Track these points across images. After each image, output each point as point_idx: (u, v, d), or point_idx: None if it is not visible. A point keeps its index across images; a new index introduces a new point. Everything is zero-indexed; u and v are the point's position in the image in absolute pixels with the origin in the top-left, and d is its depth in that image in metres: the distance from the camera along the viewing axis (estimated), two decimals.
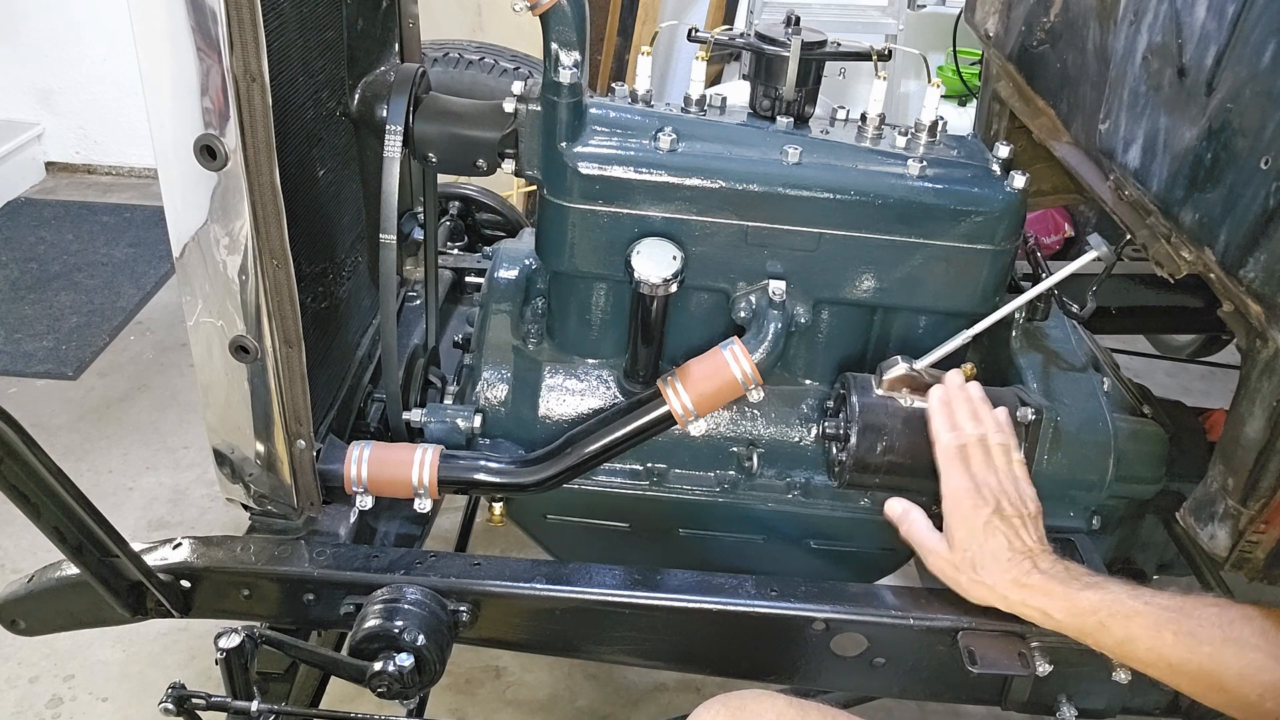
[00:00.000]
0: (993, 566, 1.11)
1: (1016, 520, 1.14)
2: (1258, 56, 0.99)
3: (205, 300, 1.14)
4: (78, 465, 2.45)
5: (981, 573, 1.12)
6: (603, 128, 1.27)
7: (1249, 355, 1.09)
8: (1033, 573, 1.09)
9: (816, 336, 1.37)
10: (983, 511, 1.13)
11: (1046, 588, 1.08)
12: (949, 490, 1.16)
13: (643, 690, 1.97)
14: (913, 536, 1.19)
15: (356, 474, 1.29)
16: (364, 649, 1.15)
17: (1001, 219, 1.26)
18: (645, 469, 1.40)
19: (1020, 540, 1.12)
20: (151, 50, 1.00)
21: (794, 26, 1.32)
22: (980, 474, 1.17)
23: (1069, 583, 1.08)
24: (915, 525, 1.19)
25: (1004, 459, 1.19)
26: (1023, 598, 1.09)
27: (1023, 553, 1.11)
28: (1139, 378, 1.46)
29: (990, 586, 1.11)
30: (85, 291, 3.17)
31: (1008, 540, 1.12)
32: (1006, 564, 1.11)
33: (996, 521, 1.13)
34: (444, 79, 1.96)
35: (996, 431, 1.20)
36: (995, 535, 1.12)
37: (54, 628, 1.32)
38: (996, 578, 1.11)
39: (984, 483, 1.15)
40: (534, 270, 1.46)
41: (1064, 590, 1.07)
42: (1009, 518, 1.13)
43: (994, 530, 1.12)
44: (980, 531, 1.12)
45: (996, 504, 1.14)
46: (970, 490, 1.15)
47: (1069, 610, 1.07)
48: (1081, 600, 1.06)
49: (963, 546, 1.13)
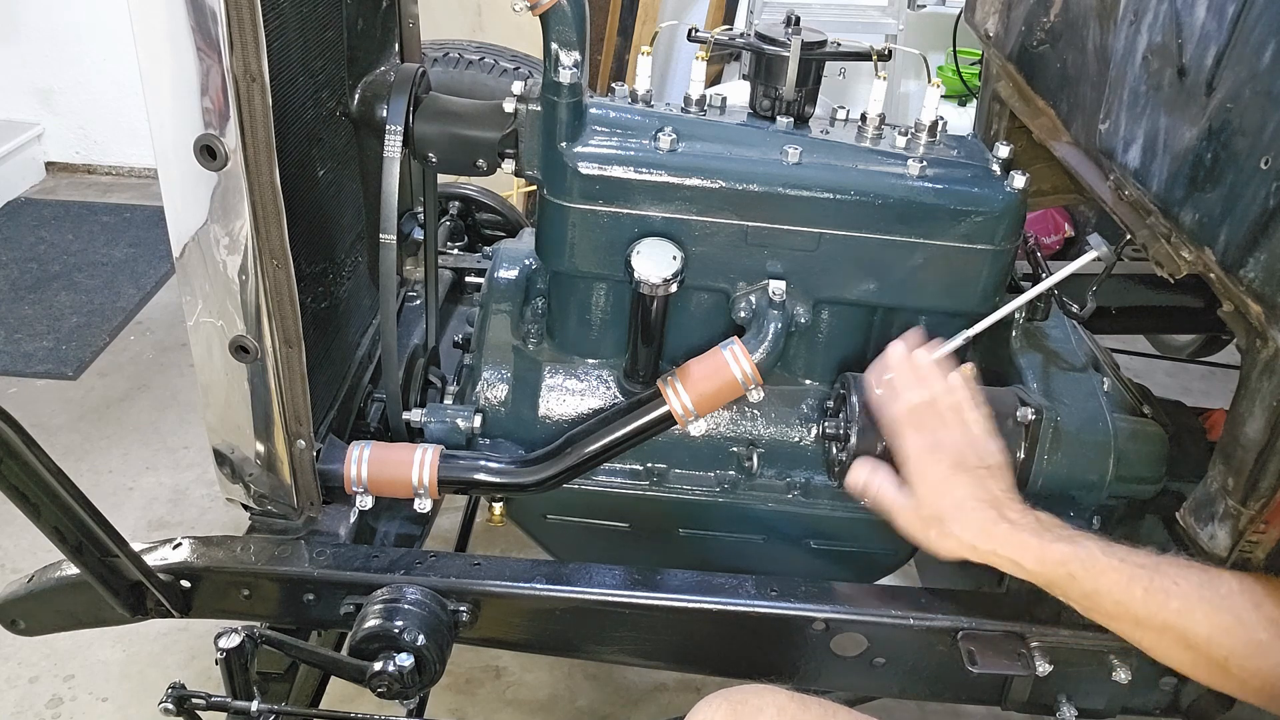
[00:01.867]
0: (958, 517, 1.09)
1: (981, 470, 1.12)
2: (1258, 56, 0.99)
3: (205, 300, 1.14)
4: (78, 465, 2.44)
5: (948, 524, 1.09)
6: (603, 128, 1.27)
7: (1249, 355, 1.09)
8: (1000, 522, 1.08)
9: (816, 336, 1.37)
10: (941, 466, 1.11)
11: (1016, 538, 1.06)
12: (906, 454, 1.14)
13: (643, 690, 1.97)
14: (880, 499, 1.17)
15: (356, 474, 1.29)
16: (364, 649, 1.15)
17: (1001, 219, 1.26)
18: (645, 469, 1.40)
19: (984, 490, 1.10)
20: (151, 50, 1.00)
21: (794, 26, 1.32)
22: (934, 431, 1.15)
23: (1040, 534, 1.06)
24: (881, 488, 1.17)
25: (957, 417, 1.16)
26: (992, 547, 1.08)
27: (987, 502, 1.09)
28: (1139, 378, 1.45)
29: (958, 538, 1.09)
30: (85, 291, 3.17)
31: (970, 491, 1.10)
32: (971, 513, 1.09)
33: (955, 475, 1.11)
34: (444, 79, 1.96)
35: (946, 393, 1.18)
36: (957, 487, 1.10)
37: (54, 628, 1.32)
38: (962, 528, 1.09)
39: (938, 440, 1.14)
40: (534, 270, 1.46)
41: (1035, 541, 1.06)
42: (971, 468, 1.12)
43: (955, 482, 1.10)
44: (942, 484, 1.11)
45: (956, 456, 1.12)
46: (926, 447, 1.13)
47: (1039, 560, 1.05)
48: (1052, 551, 1.05)
49: (927, 503, 1.11)
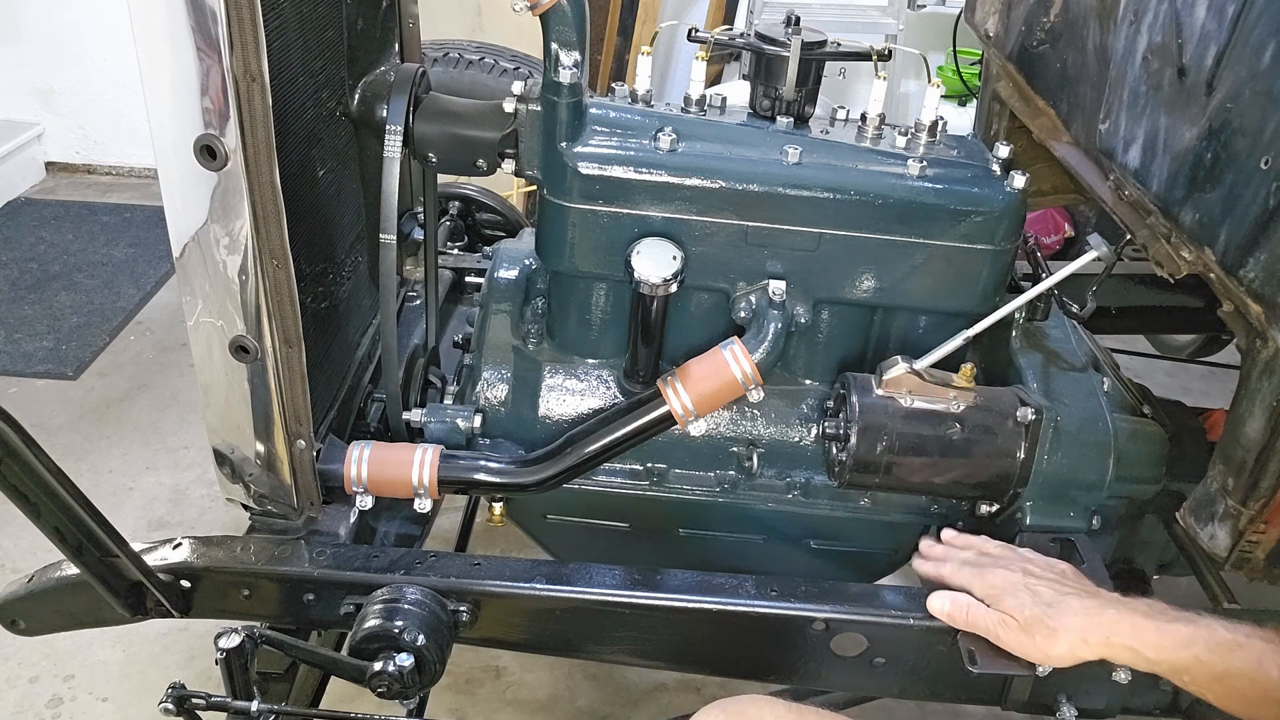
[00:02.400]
0: (1057, 614, 1.03)
1: (1052, 576, 1.09)
2: (1258, 56, 0.99)
3: (205, 300, 1.14)
4: (78, 465, 2.44)
5: (1052, 623, 1.03)
6: (603, 128, 1.27)
7: (1249, 355, 1.09)
8: (1106, 608, 1.02)
9: (816, 336, 1.37)
10: (1016, 576, 1.09)
11: (1129, 621, 1.00)
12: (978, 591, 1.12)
13: (643, 690, 1.97)
14: (973, 622, 1.11)
15: (356, 474, 1.29)
16: (364, 649, 1.15)
17: (1001, 219, 1.26)
18: (645, 469, 1.40)
19: (1069, 587, 1.07)
20: (151, 50, 1.00)
21: (794, 26, 1.32)
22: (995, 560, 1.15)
23: (1154, 616, 1.00)
24: (972, 610, 1.11)
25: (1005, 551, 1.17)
26: (1105, 636, 1.01)
27: (1079, 595, 1.05)
28: (1139, 378, 1.45)
29: (1066, 631, 1.02)
30: (85, 291, 3.17)
31: (1055, 590, 1.06)
32: (1071, 604, 1.04)
33: (1034, 581, 1.08)
34: (444, 79, 1.96)
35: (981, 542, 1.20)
36: (1041, 589, 1.07)
37: (54, 628, 1.32)
38: (1066, 619, 1.02)
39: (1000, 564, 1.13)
40: (534, 270, 1.46)
41: (1151, 624, 0.99)
42: (1042, 576, 1.09)
43: (1036, 587, 1.07)
44: (1026, 591, 1.07)
45: (1023, 569, 1.11)
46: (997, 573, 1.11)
47: (1158, 644, 0.98)
48: (1171, 633, 0.97)
49: (1019, 608, 1.06)
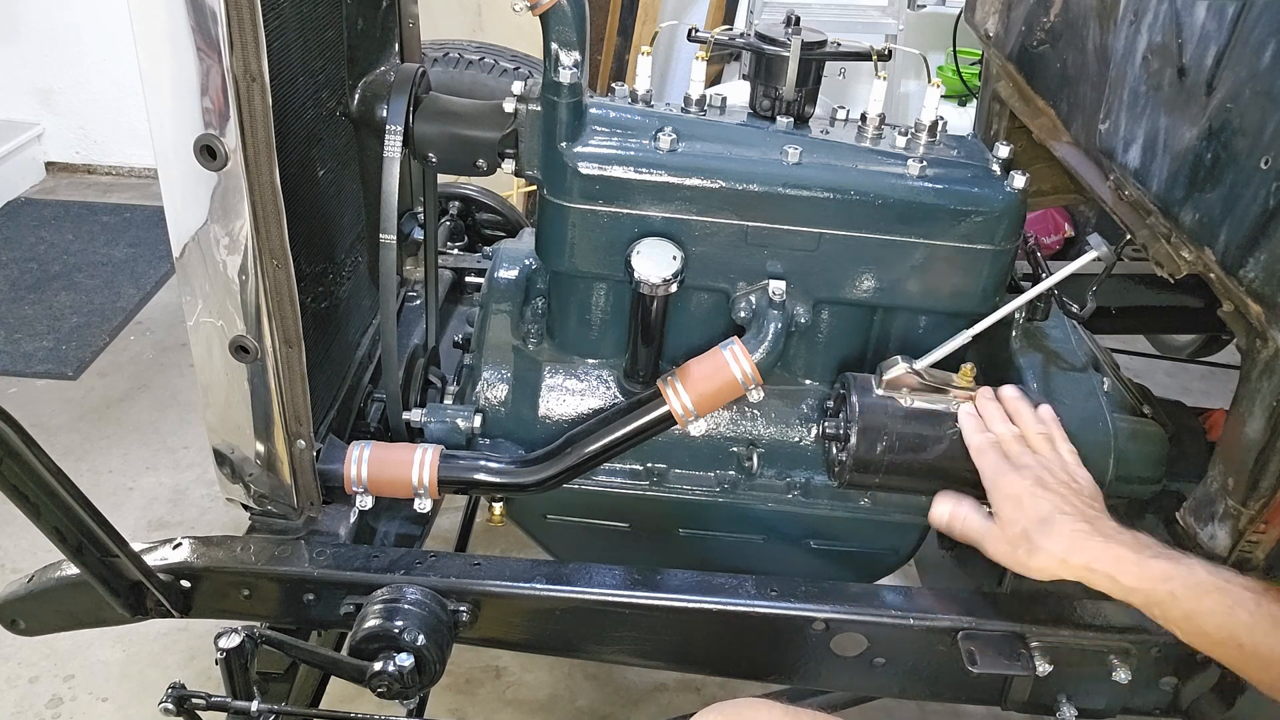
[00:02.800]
0: (1046, 530, 1.05)
1: (1063, 489, 1.09)
2: (1258, 56, 0.99)
3: (205, 300, 1.14)
4: (78, 465, 2.44)
5: (1037, 539, 1.06)
6: (603, 128, 1.27)
7: (1249, 355, 1.09)
8: (1093, 535, 1.04)
9: (816, 336, 1.37)
10: (1023, 484, 1.10)
11: (1112, 552, 1.02)
12: (988, 479, 1.14)
13: (643, 690, 1.97)
14: (967, 530, 1.15)
15: (356, 474, 1.29)
16: (364, 649, 1.15)
17: (1001, 219, 1.26)
18: (645, 469, 1.40)
19: (1071, 505, 1.08)
20: (151, 50, 1.00)
21: (794, 26, 1.32)
22: (1017, 458, 1.14)
23: (1139, 550, 1.02)
24: (967, 518, 1.15)
25: (1046, 446, 1.16)
26: (1085, 561, 1.03)
27: (1077, 515, 1.06)
28: (1139, 378, 1.45)
29: (1047, 551, 1.05)
30: (85, 291, 3.17)
31: (1056, 505, 1.07)
32: (1060, 526, 1.05)
33: (1039, 491, 1.09)
34: (444, 79, 1.96)
35: (1035, 424, 1.18)
36: (1040, 502, 1.08)
37: (54, 628, 1.32)
38: (1051, 540, 1.05)
39: (1021, 464, 1.13)
40: (534, 270, 1.46)
41: (1134, 556, 1.01)
42: (1052, 488, 1.09)
43: (1040, 497, 1.08)
44: (1026, 500, 1.09)
45: (1036, 477, 1.10)
46: (1007, 470, 1.12)
47: (1138, 575, 1.00)
48: (1152, 567, 1.00)
49: (1011, 521, 1.09)
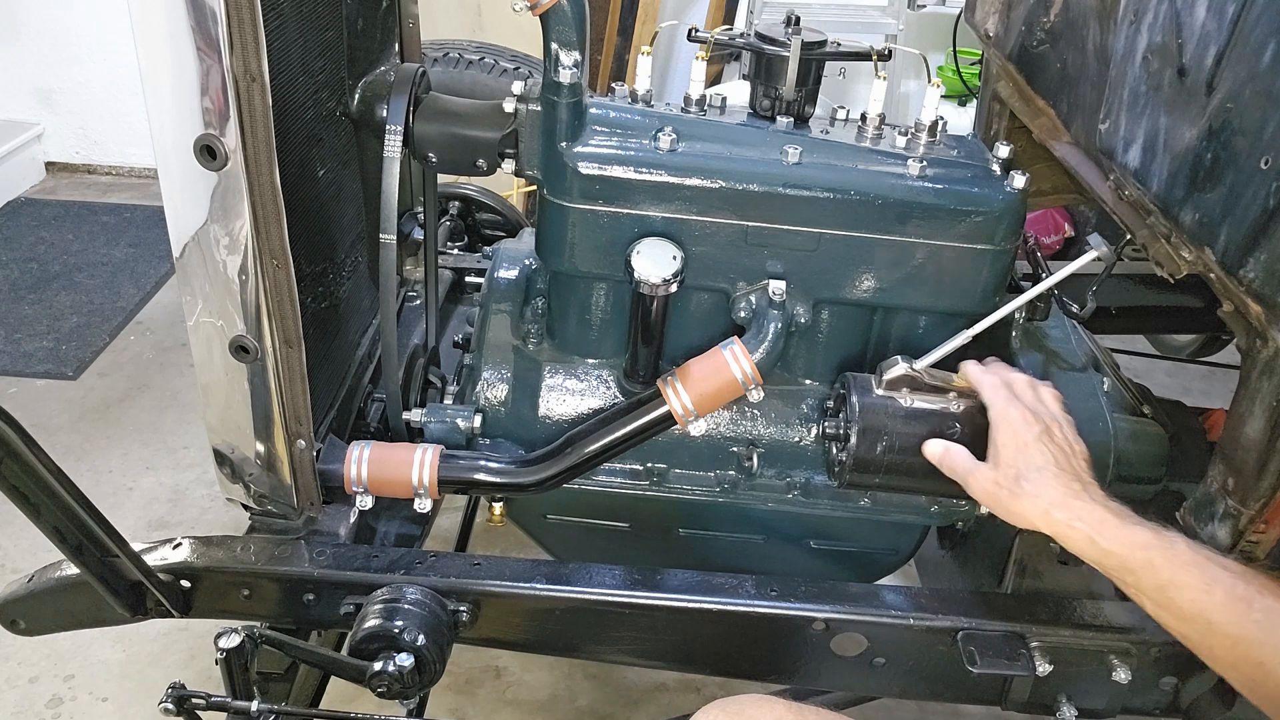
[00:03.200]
0: (1037, 479, 1.06)
1: (1065, 447, 1.10)
2: (1258, 56, 0.99)
3: (205, 300, 1.14)
4: (78, 465, 2.45)
5: (1026, 484, 1.06)
6: (603, 128, 1.27)
7: (1249, 355, 1.09)
8: (1081, 494, 1.04)
9: (816, 336, 1.37)
10: (1033, 428, 1.10)
11: (1096, 513, 1.03)
12: (996, 413, 1.13)
13: (643, 690, 1.97)
14: (955, 465, 1.15)
15: (356, 474, 1.29)
16: (364, 649, 1.15)
17: (1001, 219, 1.26)
18: (645, 469, 1.40)
19: (1069, 464, 1.08)
20: (151, 50, 1.00)
21: (794, 26, 1.32)
22: (1030, 402, 1.14)
23: (1122, 515, 1.02)
24: (957, 456, 1.16)
25: (1056, 404, 1.16)
26: (1068, 517, 1.03)
27: (1070, 474, 1.07)
28: (1139, 378, 1.46)
29: (1033, 498, 1.05)
30: (85, 291, 3.17)
31: (1054, 458, 1.08)
32: (1052, 480, 1.06)
33: (1045, 440, 1.09)
34: (444, 79, 1.96)
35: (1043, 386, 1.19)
36: (1044, 451, 1.08)
37: (54, 628, 1.32)
38: (1041, 489, 1.05)
39: (1034, 409, 1.13)
40: (534, 270, 1.46)
41: (1117, 520, 1.01)
42: (1057, 442, 1.10)
43: (1042, 448, 1.08)
44: (1030, 446, 1.08)
45: (1045, 427, 1.10)
46: (1021, 410, 1.12)
47: (1117, 539, 1.00)
48: (1134, 533, 1.00)
49: (1008, 462, 1.09)
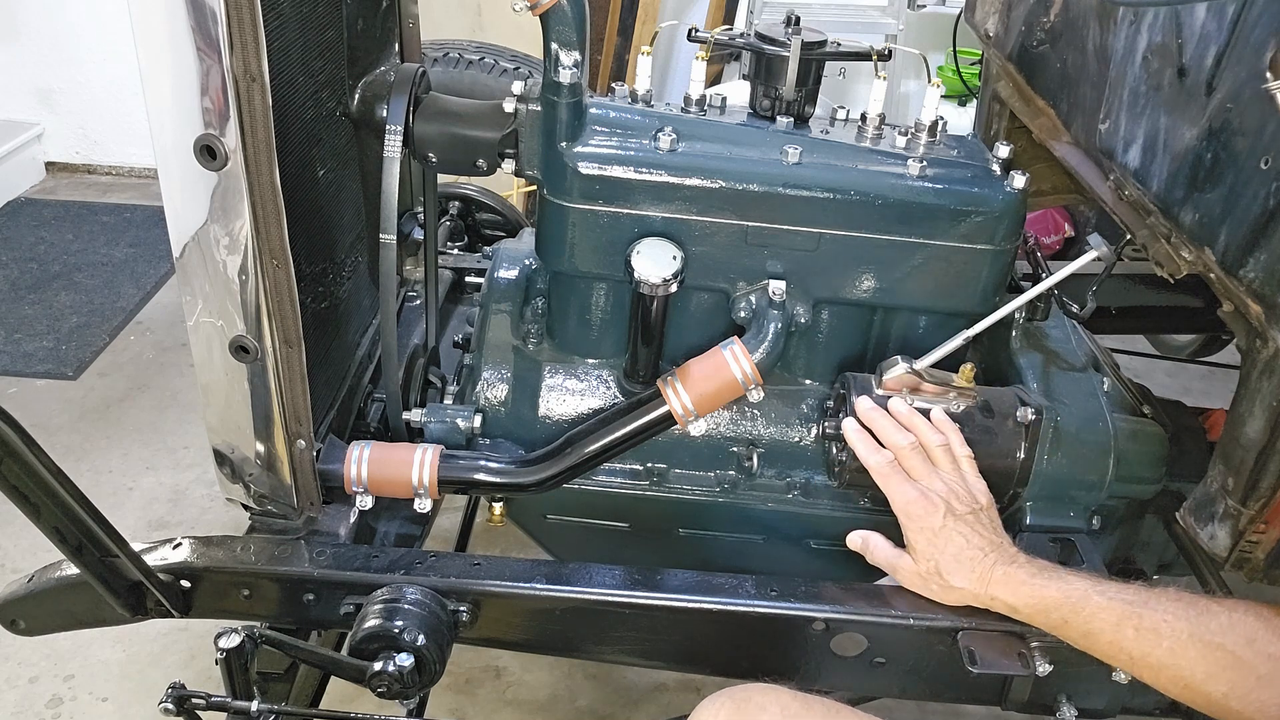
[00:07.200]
0: (956, 569, 1.13)
1: (970, 517, 1.15)
2: (1258, 56, 0.99)
3: (205, 300, 1.14)
4: (78, 465, 2.44)
5: (948, 577, 1.14)
6: (603, 128, 1.27)
7: (1249, 355, 1.09)
8: (996, 567, 1.12)
9: (816, 336, 1.37)
10: (935, 516, 1.14)
11: (1011, 584, 1.10)
12: (897, 505, 1.18)
13: (643, 690, 1.97)
14: (879, 559, 1.22)
15: (356, 474, 1.29)
16: (364, 649, 1.15)
17: (1001, 219, 1.26)
18: (645, 469, 1.40)
19: (978, 536, 1.14)
20: (151, 50, 1.00)
21: (794, 26, 1.32)
22: (924, 479, 1.18)
23: (1034, 576, 1.10)
24: (878, 549, 1.22)
25: (945, 458, 1.20)
26: (990, 593, 1.11)
27: (981, 549, 1.13)
28: (1139, 378, 1.45)
29: (959, 590, 1.13)
30: (85, 291, 3.17)
31: (965, 539, 1.14)
32: (969, 563, 1.13)
33: (950, 523, 1.14)
34: (444, 79, 1.96)
35: (930, 433, 1.21)
36: (953, 537, 1.14)
37: (54, 628, 1.32)
38: (962, 579, 1.13)
39: (929, 488, 1.17)
40: (534, 270, 1.46)
41: (1028, 587, 1.09)
42: (961, 516, 1.15)
43: (950, 532, 1.14)
44: (938, 536, 1.14)
45: (946, 505, 1.15)
46: (917, 498, 1.16)
47: (1034, 605, 1.09)
48: (1045, 595, 1.08)
49: (925, 556, 1.15)
